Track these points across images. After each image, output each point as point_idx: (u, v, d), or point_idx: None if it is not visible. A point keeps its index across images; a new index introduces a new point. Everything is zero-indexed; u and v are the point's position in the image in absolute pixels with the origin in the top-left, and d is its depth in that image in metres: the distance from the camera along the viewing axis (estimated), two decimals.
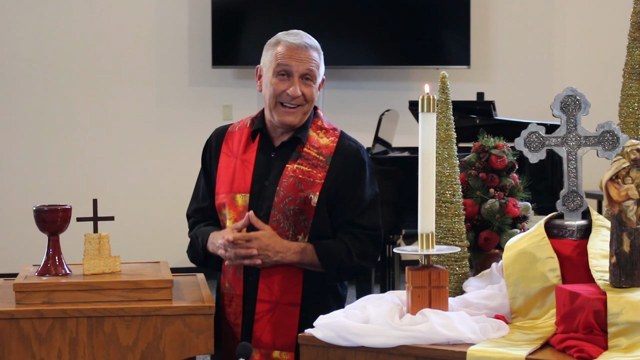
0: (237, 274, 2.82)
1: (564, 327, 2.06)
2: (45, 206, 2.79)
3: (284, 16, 7.10)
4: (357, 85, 7.50)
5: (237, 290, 2.82)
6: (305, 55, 2.82)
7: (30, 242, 5.98)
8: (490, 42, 7.59)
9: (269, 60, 2.84)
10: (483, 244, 2.58)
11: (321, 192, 2.79)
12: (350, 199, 2.81)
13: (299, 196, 2.77)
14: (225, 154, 2.91)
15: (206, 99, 7.25)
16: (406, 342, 2.06)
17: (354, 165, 2.84)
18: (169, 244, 7.08)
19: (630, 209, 2.07)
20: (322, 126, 2.90)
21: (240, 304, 2.81)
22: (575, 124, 2.36)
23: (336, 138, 2.88)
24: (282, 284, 2.78)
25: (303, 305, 2.77)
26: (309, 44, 2.84)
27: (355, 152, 2.87)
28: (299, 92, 2.79)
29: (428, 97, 2.19)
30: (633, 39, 2.59)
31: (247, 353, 2.32)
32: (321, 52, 2.88)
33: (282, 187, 2.79)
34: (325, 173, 2.81)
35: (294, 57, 2.80)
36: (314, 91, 2.84)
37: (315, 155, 2.83)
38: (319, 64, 2.85)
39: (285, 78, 2.81)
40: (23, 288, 2.64)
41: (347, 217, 2.81)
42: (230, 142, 2.93)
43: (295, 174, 2.80)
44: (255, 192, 2.82)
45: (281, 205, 2.77)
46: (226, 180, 2.86)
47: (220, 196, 2.87)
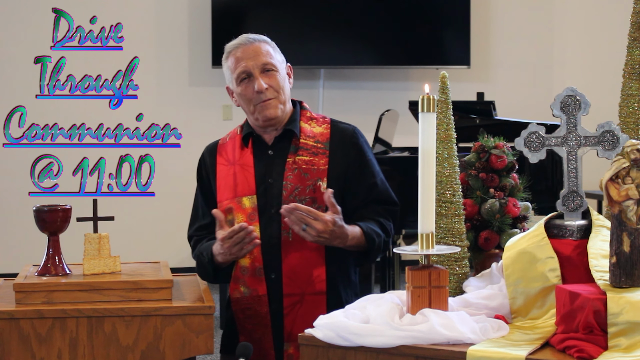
0: (257, 275, 2.81)
1: (564, 327, 2.06)
2: (45, 206, 2.79)
3: (284, 16, 7.11)
4: (357, 85, 7.50)
5: (260, 291, 2.80)
6: (253, 50, 2.84)
7: (30, 242, 5.98)
8: (490, 42, 7.59)
9: (229, 75, 2.90)
10: (483, 244, 2.57)
11: (328, 177, 2.80)
12: (362, 180, 2.84)
13: (308, 185, 2.78)
14: (222, 165, 2.90)
15: (206, 99, 7.26)
16: (406, 342, 2.06)
17: (353, 146, 2.87)
18: (169, 244, 7.08)
19: (630, 209, 2.07)
20: (311, 116, 2.92)
21: (266, 303, 2.80)
22: (575, 124, 2.36)
23: (328, 125, 2.90)
24: (306, 274, 2.78)
25: (329, 292, 2.78)
26: (254, 38, 2.87)
27: (352, 133, 2.90)
28: (264, 84, 2.81)
29: (428, 97, 2.19)
30: (633, 39, 2.59)
31: (247, 353, 2.32)
32: (271, 42, 2.90)
33: (288, 181, 2.79)
34: (327, 159, 2.82)
35: (245, 57, 2.84)
36: (280, 79, 2.84)
37: (313, 144, 2.85)
38: (272, 54, 2.86)
39: (248, 81, 2.84)
40: (23, 288, 2.64)
41: (365, 197, 2.84)
42: (224, 153, 2.93)
43: (299, 165, 2.80)
44: (261, 192, 2.82)
45: (291, 198, 2.77)
46: (228, 186, 2.85)
47: (224, 202, 2.85)
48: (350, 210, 2.81)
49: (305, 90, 7.29)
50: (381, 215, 2.84)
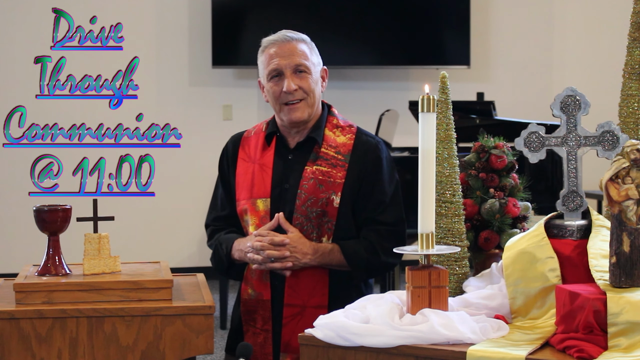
0: (263, 279, 2.81)
1: (564, 327, 2.06)
2: (45, 206, 2.79)
3: (284, 16, 7.10)
4: (357, 85, 7.50)
5: (264, 295, 2.80)
6: (289, 48, 2.80)
7: (30, 242, 5.99)
8: (490, 42, 7.59)
9: (261, 69, 2.86)
10: (483, 244, 2.57)
11: (343, 192, 2.77)
12: (371, 196, 2.81)
13: (321, 198, 2.76)
14: (243, 160, 2.89)
15: (206, 99, 7.25)
16: (406, 342, 2.06)
17: (372, 161, 2.83)
18: (169, 244, 7.08)
19: (630, 209, 2.07)
20: (337, 124, 2.88)
21: (269, 309, 2.80)
22: (575, 124, 2.36)
23: (353, 135, 2.86)
24: (309, 287, 2.77)
25: (330, 308, 2.73)
26: (292, 37, 2.83)
27: (374, 147, 2.85)
28: (294, 85, 2.78)
29: (428, 97, 2.19)
30: (633, 39, 2.59)
31: (247, 353, 2.32)
32: (310, 43, 2.86)
33: (303, 190, 2.77)
34: (345, 172, 2.79)
35: (279, 55, 2.80)
36: (312, 82, 2.81)
37: (334, 154, 2.82)
38: (308, 55, 2.83)
39: (279, 79, 2.81)
40: (23, 288, 2.64)
41: (369, 214, 2.81)
42: (247, 147, 2.91)
43: (315, 176, 2.78)
44: (275, 196, 2.81)
45: (303, 208, 2.76)
46: (246, 186, 2.85)
47: (242, 202, 2.85)
48: (358, 225, 2.82)
49: None
50: (380, 236, 2.80)
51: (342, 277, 2.80)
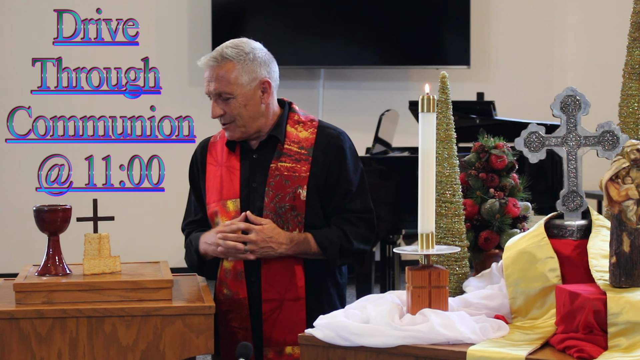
0: (238, 277, 2.83)
1: (564, 327, 2.06)
2: (45, 206, 2.79)
3: (284, 16, 7.10)
4: (357, 85, 7.49)
5: (241, 293, 2.83)
6: (215, 72, 2.82)
7: (30, 242, 5.98)
8: (490, 42, 7.59)
9: None
10: (483, 244, 2.57)
11: (309, 185, 2.81)
12: (338, 186, 2.84)
13: (288, 193, 2.80)
14: (211, 164, 2.94)
15: (206, 99, 7.24)
16: (406, 342, 2.06)
17: (336, 152, 2.85)
18: (169, 244, 7.07)
19: (630, 209, 2.07)
20: (299, 120, 2.91)
21: (246, 306, 2.82)
22: (575, 124, 2.36)
23: (315, 129, 2.89)
24: (285, 280, 2.80)
25: (308, 299, 2.80)
26: (218, 59, 2.80)
27: (336, 138, 2.89)
28: (218, 111, 2.84)
29: (428, 97, 2.19)
30: (633, 39, 2.59)
31: (247, 353, 2.32)
32: (243, 60, 2.79)
33: (270, 187, 2.81)
34: (309, 165, 2.83)
35: (207, 79, 2.87)
36: (237, 106, 2.80)
37: (297, 150, 2.85)
38: (233, 78, 2.79)
39: (213, 100, 2.87)
40: (23, 288, 2.64)
41: (338, 204, 2.85)
42: (214, 152, 2.96)
43: (280, 172, 2.82)
44: (244, 196, 2.85)
45: (272, 205, 2.80)
46: (215, 189, 2.89)
47: (212, 205, 2.89)
48: (328, 215, 2.85)
49: (305, 90, 7.29)
50: (351, 223, 2.84)
51: (317, 267, 2.84)
